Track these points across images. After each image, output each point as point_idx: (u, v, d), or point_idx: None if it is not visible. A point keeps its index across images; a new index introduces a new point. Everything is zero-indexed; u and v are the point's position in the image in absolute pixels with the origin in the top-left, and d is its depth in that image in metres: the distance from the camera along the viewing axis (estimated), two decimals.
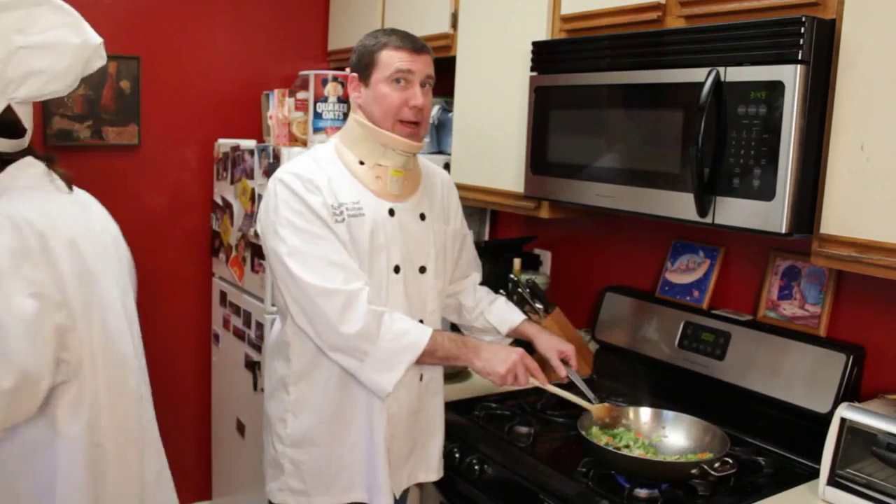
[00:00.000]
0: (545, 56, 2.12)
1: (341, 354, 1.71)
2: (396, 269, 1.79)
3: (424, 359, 1.72)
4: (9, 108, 1.41)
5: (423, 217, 1.85)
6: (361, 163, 1.79)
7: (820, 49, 1.53)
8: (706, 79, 1.63)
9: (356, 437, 1.80)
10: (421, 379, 1.88)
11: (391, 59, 1.74)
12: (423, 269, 1.85)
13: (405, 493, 1.98)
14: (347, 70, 1.89)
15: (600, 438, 1.80)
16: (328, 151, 1.83)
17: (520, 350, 1.78)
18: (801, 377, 1.87)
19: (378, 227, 1.75)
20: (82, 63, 1.49)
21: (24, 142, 1.47)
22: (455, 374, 2.40)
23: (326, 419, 1.79)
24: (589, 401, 1.95)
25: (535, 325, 2.06)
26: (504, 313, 2.07)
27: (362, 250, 1.74)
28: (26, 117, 1.46)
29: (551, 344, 1.98)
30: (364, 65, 1.78)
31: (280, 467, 1.83)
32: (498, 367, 1.73)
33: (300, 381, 1.80)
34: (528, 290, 2.36)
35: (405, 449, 1.87)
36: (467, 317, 2.12)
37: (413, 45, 1.77)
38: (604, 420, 1.87)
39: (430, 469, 1.95)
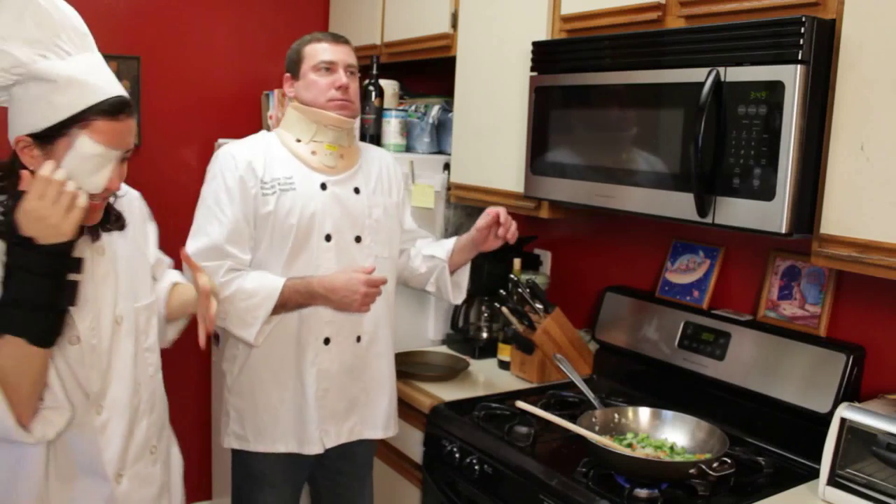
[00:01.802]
0: (545, 56, 2.12)
1: None
2: (328, 238, 1.96)
3: (279, 311, 1.91)
4: None
5: (357, 191, 2.01)
6: (298, 140, 1.99)
7: (820, 49, 1.53)
8: (706, 79, 1.63)
9: (287, 392, 1.97)
10: (358, 340, 2.01)
11: (315, 52, 1.98)
12: (358, 239, 2.00)
13: (358, 448, 2.10)
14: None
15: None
16: (270, 135, 2.05)
17: (358, 276, 1.91)
18: (801, 377, 1.87)
19: (309, 200, 1.93)
20: None
21: None
22: (455, 374, 2.40)
23: (261, 372, 1.98)
24: (591, 402, 1.95)
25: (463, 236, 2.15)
26: (433, 247, 2.20)
27: (292, 221, 1.92)
28: None
29: (484, 220, 2.08)
30: (293, 62, 2.02)
31: (227, 414, 2.04)
32: (348, 305, 1.93)
33: None
34: (528, 290, 2.36)
35: (342, 405, 2.00)
36: (413, 266, 2.21)
37: (333, 36, 2.02)
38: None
39: (376, 427, 2.07)
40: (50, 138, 1.35)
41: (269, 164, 1.94)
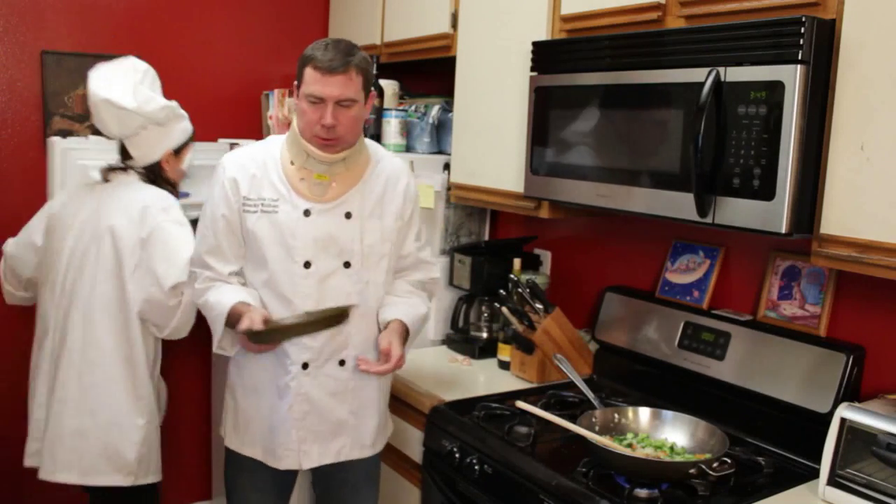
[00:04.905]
0: (545, 56, 2.12)
1: None
2: (307, 265, 1.90)
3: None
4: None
5: (348, 216, 1.92)
6: (292, 163, 1.92)
7: (820, 49, 1.53)
8: (706, 79, 1.63)
9: (263, 405, 1.98)
10: (342, 364, 1.96)
11: (310, 80, 1.83)
12: (347, 265, 1.93)
13: (345, 470, 2.06)
14: None
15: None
16: (277, 144, 1.97)
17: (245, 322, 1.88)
18: (801, 377, 1.87)
19: (287, 226, 1.89)
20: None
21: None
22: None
23: (248, 378, 2.01)
24: (591, 402, 1.95)
25: (391, 329, 1.96)
26: (384, 312, 2.02)
27: (269, 244, 1.90)
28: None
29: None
30: (298, 75, 1.89)
31: (224, 408, 2.10)
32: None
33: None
34: (528, 290, 2.36)
35: (326, 427, 1.97)
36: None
37: (329, 65, 1.80)
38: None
39: (365, 447, 2.04)
40: (182, 148, 2.35)
41: (259, 181, 1.91)
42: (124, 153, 2.28)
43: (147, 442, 2.22)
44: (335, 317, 1.87)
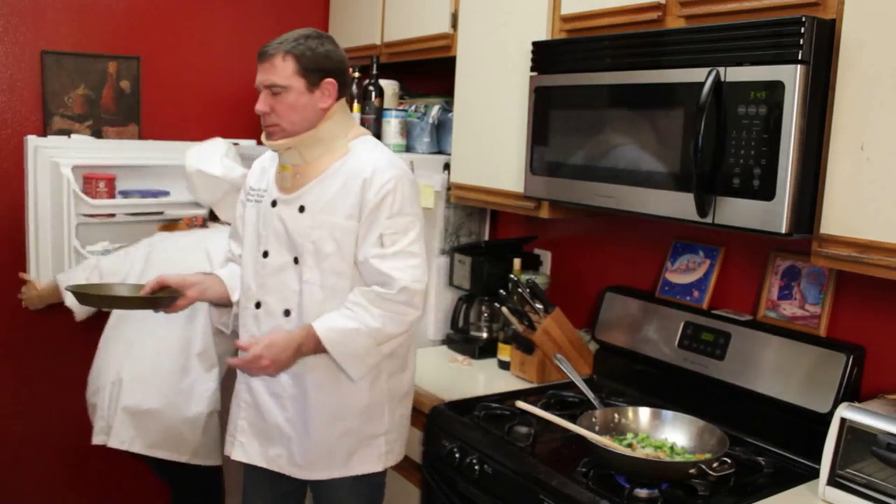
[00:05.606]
0: (545, 56, 2.12)
1: None
2: (265, 254, 1.94)
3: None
4: None
5: (301, 209, 1.87)
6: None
7: (820, 49, 1.53)
8: (706, 79, 1.63)
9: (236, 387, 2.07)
10: None
11: None
12: (296, 260, 1.89)
13: (333, 482, 1.94)
14: None
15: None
16: None
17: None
18: (801, 377, 1.87)
19: (262, 215, 1.96)
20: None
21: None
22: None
23: None
24: (591, 402, 1.95)
25: (290, 331, 1.84)
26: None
27: (249, 230, 2.00)
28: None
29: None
30: None
31: None
32: None
33: None
34: (528, 290, 2.37)
35: (266, 428, 1.94)
36: None
37: (259, 52, 1.85)
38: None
39: (297, 466, 1.91)
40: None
41: (264, 174, 2.01)
42: (213, 218, 2.71)
43: (207, 430, 2.46)
44: (144, 301, 2.00)
